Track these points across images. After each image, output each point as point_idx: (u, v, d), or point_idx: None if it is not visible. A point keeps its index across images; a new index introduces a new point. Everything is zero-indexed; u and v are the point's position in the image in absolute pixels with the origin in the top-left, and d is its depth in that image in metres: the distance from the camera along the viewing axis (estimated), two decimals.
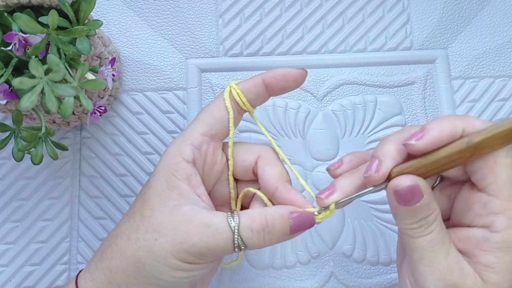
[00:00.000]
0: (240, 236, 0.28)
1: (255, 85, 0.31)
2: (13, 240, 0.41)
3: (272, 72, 0.31)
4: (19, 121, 0.32)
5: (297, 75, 0.31)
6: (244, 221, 0.29)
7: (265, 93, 0.32)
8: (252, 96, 0.32)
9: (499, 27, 0.46)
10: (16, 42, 0.28)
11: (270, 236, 0.29)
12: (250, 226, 0.29)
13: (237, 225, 0.28)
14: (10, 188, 0.42)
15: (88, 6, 0.31)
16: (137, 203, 0.31)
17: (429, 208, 0.28)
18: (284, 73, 0.31)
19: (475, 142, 0.27)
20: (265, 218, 0.29)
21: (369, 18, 0.46)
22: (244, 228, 0.28)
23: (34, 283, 0.41)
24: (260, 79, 0.31)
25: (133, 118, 0.43)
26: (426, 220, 0.28)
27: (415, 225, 0.28)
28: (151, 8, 0.46)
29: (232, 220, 0.29)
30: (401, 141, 0.29)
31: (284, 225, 0.29)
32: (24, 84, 0.26)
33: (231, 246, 0.29)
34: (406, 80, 0.45)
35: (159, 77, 0.44)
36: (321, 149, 0.43)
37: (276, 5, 0.46)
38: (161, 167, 0.31)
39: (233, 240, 0.28)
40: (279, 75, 0.31)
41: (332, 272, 0.41)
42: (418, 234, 0.28)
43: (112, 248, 0.30)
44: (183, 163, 0.30)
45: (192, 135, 0.31)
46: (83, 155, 0.43)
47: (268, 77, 0.31)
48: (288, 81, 0.31)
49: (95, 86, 0.29)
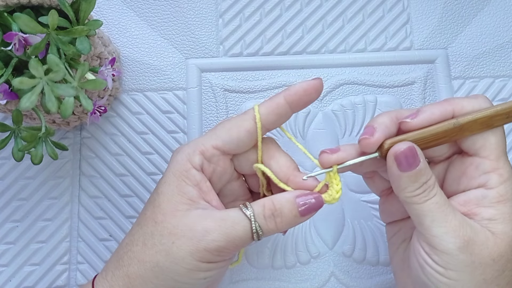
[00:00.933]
0: (258, 223, 0.30)
1: (278, 106, 0.32)
2: (13, 240, 0.41)
3: (293, 89, 0.32)
4: (19, 121, 0.32)
5: (317, 85, 0.32)
6: (257, 208, 0.30)
7: (288, 112, 0.32)
8: (276, 117, 0.32)
9: (499, 27, 0.46)
10: (16, 42, 0.28)
11: (281, 219, 0.30)
12: (263, 213, 0.30)
13: (252, 213, 0.30)
14: (10, 188, 0.42)
15: (88, 6, 0.31)
16: (148, 211, 0.31)
17: (427, 172, 0.30)
18: (304, 88, 0.31)
19: (460, 124, 0.30)
20: (273, 203, 0.30)
21: (369, 18, 0.46)
22: (259, 215, 0.30)
23: (34, 283, 0.41)
24: (283, 99, 0.32)
25: (133, 118, 0.43)
26: (427, 184, 0.30)
27: (419, 190, 0.30)
28: (151, 8, 0.46)
29: (246, 210, 0.30)
30: (395, 117, 0.31)
31: (292, 208, 0.30)
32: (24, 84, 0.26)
33: (250, 234, 0.30)
34: (406, 80, 0.45)
35: (159, 77, 0.44)
36: (321, 149, 0.43)
37: (276, 5, 0.46)
38: (171, 173, 0.31)
39: (251, 227, 0.30)
40: (300, 91, 0.31)
41: (332, 272, 0.41)
42: (424, 198, 0.30)
43: (128, 255, 0.31)
44: (192, 170, 0.31)
45: (205, 145, 0.31)
46: (83, 155, 0.43)
47: (290, 96, 0.32)
48: (310, 94, 0.32)
49: (95, 86, 0.29)
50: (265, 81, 0.44)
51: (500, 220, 0.30)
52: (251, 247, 0.41)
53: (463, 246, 0.29)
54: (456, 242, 0.29)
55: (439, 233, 0.29)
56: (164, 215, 0.30)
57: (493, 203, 0.30)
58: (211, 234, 0.29)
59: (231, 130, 0.31)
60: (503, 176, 0.30)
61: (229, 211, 0.30)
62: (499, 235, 0.30)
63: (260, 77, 0.44)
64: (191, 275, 0.30)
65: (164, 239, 0.30)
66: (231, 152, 0.32)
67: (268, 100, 0.32)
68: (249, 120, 0.32)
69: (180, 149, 0.33)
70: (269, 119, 0.32)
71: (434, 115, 0.30)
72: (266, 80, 0.44)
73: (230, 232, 0.29)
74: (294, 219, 0.30)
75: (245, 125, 0.31)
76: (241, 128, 0.31)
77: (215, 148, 0.31)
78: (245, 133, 0.31)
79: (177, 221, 0.30)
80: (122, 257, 0.31)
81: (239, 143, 0.32)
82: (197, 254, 0.29)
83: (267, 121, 0.32)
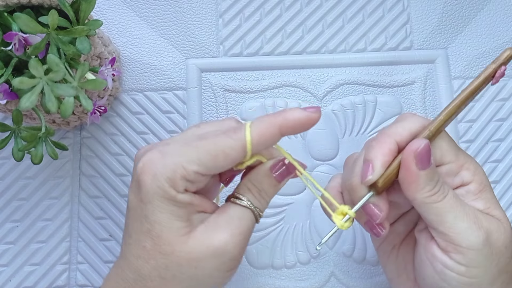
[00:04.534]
0: (257, 207, 0.31)
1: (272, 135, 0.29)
2: (13, 240, 0.41)
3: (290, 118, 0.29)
4: (19, 121, 0.32)
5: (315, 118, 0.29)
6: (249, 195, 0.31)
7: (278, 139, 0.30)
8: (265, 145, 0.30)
9: (499, 27, 0.46)
10: (16, 42, 0.28)
11: (266, 194, 0.31)
12: (254, 196, 0.31)
13: (249, 201, 0.30)
14: (10, 188, 0.42)
15: (88, 6, 0.31)
16: (146, 243, 0.29)
17: (437, 171, 0.30)
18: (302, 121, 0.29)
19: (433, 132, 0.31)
20: (254, 185, 0.31)
21: (369, 18, 0.46)
22: (253, 200, 0.31)
23: (34, 283, 0.41)
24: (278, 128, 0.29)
25: (133, 118, 0.43)
26: (440, 182, 0.30)
27: (437, 188, 0.30)
28: (151, 8, 0.46)
29: (242, 201, 0.30)
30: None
31: (270, 182, 0.31)
32: (24, 84, 0.26)
33: (254, 220, 0.31)
34: (406, 80, 0.45)
35: (159, 77, 0.44)
36: (321, 149, 0.43)
37: (276, 5, 0.46)
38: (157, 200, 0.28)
39: (254, 214, 0.31)
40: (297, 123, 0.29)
41: (332, 272, 0.41)
42: (442, 195, 0.30)
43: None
44: (179, 196, 0.28)
45: (186, 170, 0.28)
46: (83, 155, 0.43)
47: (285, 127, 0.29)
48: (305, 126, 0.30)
49: (95, 86, 0.29)
50: (265, 81, 0.44)
51: (494, 206, 0.31)
52: (251, 247, 0.41)
53: (485, 239, 0.29)
54: (480, 235, 0.29)
55: (463, 228, 0.29)
56: (171, 246, 0.28)
57: (478, 194, 0.31)
58: (230, 243, 0.29)
59: (217, 157, 0.28)
60: (470, 168, 0.31)
61: (227, 210, 0.30)
62: (501, 220, 0.30)
63: (260, 77, 0.44)
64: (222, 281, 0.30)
65: (184, 269, 0.29)
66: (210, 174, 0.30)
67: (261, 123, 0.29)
68: (237, 150, 0.29)
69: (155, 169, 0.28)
70: (258, 148, 0.29)
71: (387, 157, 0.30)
72: (266, 80, 0.44)
73: (242, 230, 0.30)
74: (275, 188, 0.31)
75: (232, 155, 0.29)
76: (228, 158, 0.29)
77: (197, 173, 0.28)
78: (231, 163, 0.29)
79: (189, 247, 0.29)
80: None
81: (223, 170, 0.30)
82: (223, 266, 0.29)
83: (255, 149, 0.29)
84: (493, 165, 0.43)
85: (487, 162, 0.43)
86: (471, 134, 0.44)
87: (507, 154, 0.44)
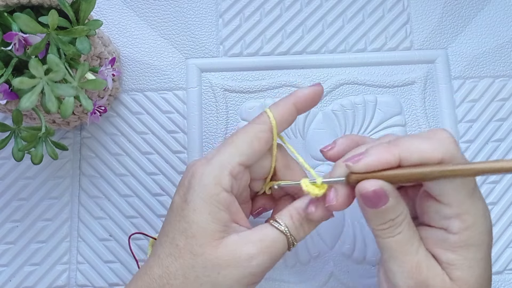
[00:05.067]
0: (292, 235, 0.31)
1: (290, 112, 0.33)
2: (13, 240, 0.41)
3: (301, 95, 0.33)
4: (19, 121, 0.32)
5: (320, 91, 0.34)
6: (288, 221, 0.31)
7: (296, 116, 0.34)
8: (287, 124, 0.33)
9: (499, 27, 0.46)
10: (16, 42, 0.28)
11: (308, 226, 0.32)
12: (294, 225, 0.31)
13: (286, 228, 0.31)
14: (10, 188, 0.42)
15: (88, 6, 0.31)
16: (180, 242, 0.30)
17: (395, 210, 0.29)
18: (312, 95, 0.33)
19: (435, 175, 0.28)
20: (297, 212, 0.31)
21: (369, 18, 0.46)
22: (291, 227, 0.31)
23: (34, 283, 0.41)
24: (293, 105, 0.33)
25: (133, 118, 0.43)
26: (394, 221, 0.29)
27: (384, 226, 0.29)
28: (151, 8, 0.46)
29: (279, 225, 0.31)
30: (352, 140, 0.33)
31: None
32: (24, 84, 0.26)
33: (287, 247, 0.31)
34: (406, 80, 0.45)
35: (159, 77, 0.44)
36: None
37: (276, 5, 0.46)
38: (199, 199, 0.30)
39: (288, 241, 0.31)
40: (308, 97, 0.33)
41: (332, 272, 0.41)
42: (387, 235, 0.29)
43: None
44: (223, 193, 0.30)
45: (231, 164, 0.31)
46: (83, 155, 0.43)
47: (299, 102, 0.33)
48: (315, 100, 0.34)
49: (95, 86, 0.29)
50: (265, 81, 0.44)
51: (459, 265, 0.29)
52: None
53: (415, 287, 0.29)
54: (408, 283, 0.29)
55: (394, 270, 0.30)
56: (202, 247, 0.29)
57: (454, 248, 0.29)
58: (256, 259, 0.29)
59: (253, 143, 0.31)
60: (467, 221, 0.28)
61: (263, 229, 0.31)
62: (457, 281, 0.29)
63: (260, 77, 0.44)
64: None
65: (208, 271, 0.29)
66: (252, 164, 0.32)
67: (278, 106, 0.33)
68: (267, 132, 0.32)
69: (202, 170, 0.31)
70: (281, 126, 0.33)
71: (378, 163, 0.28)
72: (266, 80, 0.44)
73: (272, 251, 0.30)
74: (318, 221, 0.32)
75: (265, 137, 0.32)
76: (262, 140, 0.32)
77: (241, 164, 0.31)
78: (265, 145, 0.32)
79: (219, 252, 0.29)
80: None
81: (260, 155, 0.32)
82: (244, 280, 0.29)
83: (279, 128, 0.33)
84: None
85: None
86: (471, 134, 0.44)
87: (507, 154, 0.44)
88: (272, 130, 0.32)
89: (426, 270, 0.29)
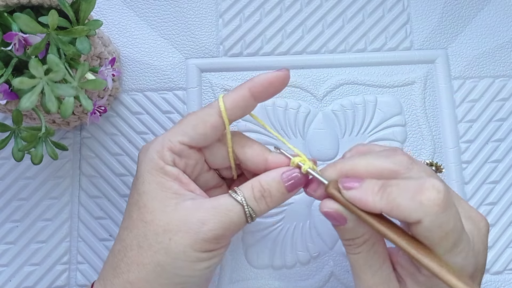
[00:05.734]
0: (250, 206, 0.30)
1: (244, 99, 0.32)
2: (13, 240, 0.41)
3: (257, 81, 0.32)
4: (19, 121, 0.32)
5: (283, 77, 0.32)
6: (247, 192, 0.31)
7: (253, 103, 0.33)
8: (241, 110, 0.32)
9: (499, 27, 0.46)
10: (16, 42, 0.28)
11: (270, 199, 0.31)
12: (253, 195, 0.31)
13: (243, 197, 0.30)
14: (10, 188, 0.42)
15: (88, 6, 0.31)
16: (133, 213, 0.31)
17: (354, 233, 0.30)
18: (270, 81, 0.32)
19: None
20: (261, 184, 0.31)
21: (369, 18, 0.46)
22: (249, 198, 0.30)
23: (34, 283, 0.41)
24: (247, 90, 0.32)
25: (133, 118, 0.43)
26: (354, 241, 0.30)
27: (346, 243, 0.31)
28: (151, 8, 0.46)
29: (236, 195, 0.31)
30: None
31: (279, 187, 0.31)
32: (24, 84, 0.26)
33: (244, 218, 0.30)
34: (406, 80, 0.45)
35: (159, 77, 0.44)
36: (321, 149, 0.43)
37: (276, 5, 0.46)
38: (146, 172, 0.31)
39: (245, 212, 0.30)
40: (265, 83, 0.32)
41: (332, 272, 0.41)
42: (349, 251, 0.31)
43: (125, 261, 0.30)
44: (167, 167, 0.31)
45: (172, 141, 0.31)
46: (83, 155, 0.43)
47: (254, 87, 0.32)
48: (275, 86, 0.32)
49: (95, 86, 0.29)
50: None
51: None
52: (251, 247, 0.41)
53: None
54: None
55: (355, 283, 0.31)
56: (152, 214, 0.30)
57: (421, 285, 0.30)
58: (207, 225, 0.29)
59: (197, 126, 0.32)
60: None
61: (219, 198, 0.31)
62: None
63: None
64: (193, 266, 0.30)
65: (160, 238, 0.29)
66: (198, 146, 0.33)
67: (232, 92, 0.32)
68: (214, 115, 0.32)
69: (147, 147, 0.32)
70: (234, 112, 0.32)
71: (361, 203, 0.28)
72: None
73: (225, 219, 0.30)
74: (282, 196, 0.31)
75: (211, 121, 0.32)
76: (207, 123, 0.32)
77: (182, 143, 0.31)
78: (211, 128, 0.32)
79: (170, 217, 0.30)
80: (118, 264, 0.31)
81: (205, 138, 0.32)
82: (196, 246, 0.29)
83: (232, 114, 0.32)
84: (493, 165, 0.43)
85: (487, 162, 0.43)
86: (471, 134, 0.44)
87: (507, 154, 0.44)
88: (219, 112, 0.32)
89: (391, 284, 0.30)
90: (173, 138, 0.31)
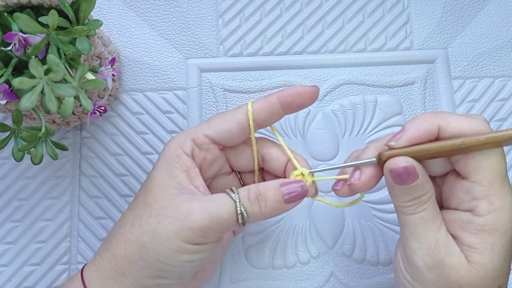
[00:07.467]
0: (243, 205, 0.30)
1: (271, 104, 0.33)
2: (13, 240, 0.41)
3: (287, 91, 0.33)
4: (19, 121, 0.32)
5: (312, 92, 0.33)
6: (242, 192, 0.31)
7: (281, 112, 0.33)
8: (268, 115, 0.33)
9: (499, 27, 0.46)
10: (16, 42, 0.28)
11: (265, 204, 0.31)
12: (248, 196, 0.31)
13: (237, 196, 0.31)
14: (10, 188, 0.42)
15: (88, 6, 0.31)
16: (140, 195, 0.32)
17: (423, 188, 0.30)
18: (299, 92, 0.33)
19: (467, 145, 0.29)
20: (257, 188, 0.31)
21: (369, 18, 0.46)
22: (244, 197, 0.31)
23: (34, 283, 0.41)
24: (276, 98, 0.33)
25: (133, 118, 0.43)
26: (420, 199, 0.30)
27: (409, 203, 0.30)
28: (151, 8, 0.46)
29: (232, 193, 0.31)
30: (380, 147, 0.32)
31: (276, 194, 0.31)
32: (24, 84, 0.26)
33: (235, 216, 0.30)
34: (406, 80, 0.45)
35: (159, 77, 0.44)
36: (321, 149, 0.43)
37: (276, 5, 0.46)
38: (162, 159, 0.33)
39: (236, 209, 0.30)
40: (294, 94, 0.33)
41: (332, 272, 0.41)
42: (411, 211, 0.30)
43: (116, 237, 0.31)
44: (183, 156, 0.32)
45: (196, 133, 0.33)
46: (83, 155, 0.43)
47: (283, 97, 0.33)
48: (304, 99, 0.33)
49: (95, 86, 0.29)
50: (265, 81, 0.44)
51: (480, 250, 0.29)
52: (251, 247, 0.41)
53: (431, 266, 0.30)
54: (425, 260, 0.30)
55: (413, 247, 0.30)
56: (154, 198, 0.31)
57: (478, 231, 0.29)
58: (195, 214, 0.29)
59: (224, 121, 0.33)
60: (495, 204, 0.29)
61: (215, 194, 0.31)
62: (474, 265, 0.29)
63: (260, 77, 0.44)
64: (176, 257, 0.30)
65: (151, 220, 0.30)
66: (222, 143, 0.33)
67: (262, 98, 0.33)
68: (241, 114, 0.33)
69: (173, 138, 0.34)
70: (261, 115, 0.33)
71: (419, 132, 0.30)
72: (266, 80, 0.44)
73: (214, 211, 0.30)
74: (278, 204, 0.31)
75: (238, 118, 0.33)
76: (233, 120, 0.33)
77: (206, 136, 0.32)
78: (236, 125, 0.32)
79: (165, 203, 0.30)
80: (110, 239, 0.32)
81: (230, 135, 0.33)
82: (181, 234, 0.29)
83: (259, 117, 0.33)
84: None
85: None
86: None
87: (507, 154, 0.44)
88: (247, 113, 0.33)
89: (444, 249, 0.30)
90: (198, 131, 0.33)
